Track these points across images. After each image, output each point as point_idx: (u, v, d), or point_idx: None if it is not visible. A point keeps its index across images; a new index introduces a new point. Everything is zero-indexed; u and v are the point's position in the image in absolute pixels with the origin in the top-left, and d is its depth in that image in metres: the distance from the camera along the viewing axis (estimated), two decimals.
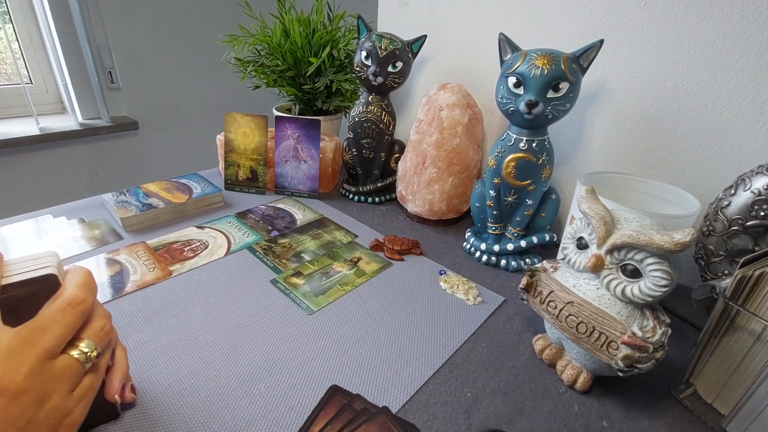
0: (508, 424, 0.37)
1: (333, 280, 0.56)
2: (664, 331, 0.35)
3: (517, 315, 0.52)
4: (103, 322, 0.28)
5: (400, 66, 0.69)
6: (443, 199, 0.68)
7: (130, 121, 1.48)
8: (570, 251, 0.41)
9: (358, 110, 0.74)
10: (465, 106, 0.66)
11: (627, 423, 0.38)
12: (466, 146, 0.66)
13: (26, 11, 1.27)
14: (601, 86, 0.61)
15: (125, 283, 0.52)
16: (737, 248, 0.46)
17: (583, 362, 0.41)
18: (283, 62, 0.83)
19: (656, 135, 0.58)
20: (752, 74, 0.49)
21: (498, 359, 0.45)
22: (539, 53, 0.49)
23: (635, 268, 0.36)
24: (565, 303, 0.40)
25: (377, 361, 0.43)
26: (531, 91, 0.49)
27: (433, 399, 0.39)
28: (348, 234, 0.68)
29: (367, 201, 0.81)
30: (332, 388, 0.39)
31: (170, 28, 1.52)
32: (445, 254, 0.64)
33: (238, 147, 0.77)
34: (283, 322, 0.48)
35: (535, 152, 0.54)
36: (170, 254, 0.59)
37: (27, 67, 1.33)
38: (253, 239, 0.64)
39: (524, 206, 0.59)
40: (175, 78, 1.59)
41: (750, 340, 0.36)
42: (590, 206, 0.38)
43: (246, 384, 0.40)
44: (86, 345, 0.26)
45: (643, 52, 0.56)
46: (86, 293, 0.26)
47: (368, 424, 0.35)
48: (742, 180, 0.46)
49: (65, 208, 0.70)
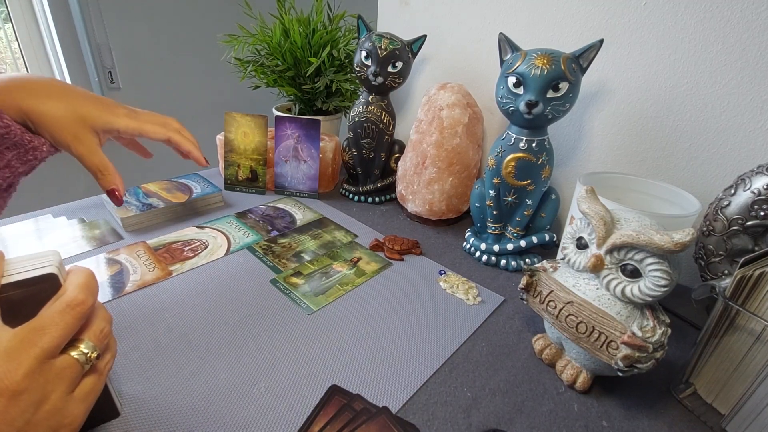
0: (508, 424, 0.37)
1: (333, 280, 0.56)
2: (663, 331, 0.35)
3: (516, 315, 0.52)
4: (103, 324, 0.28)
5: (400, 66, 0.69)
6: (443, 198, 0.68)
7: None
8: (570, 251, 0.41)
9: (358, 110, 0.74)
10: (465, 106, 0.66)
11: (627, 423, 0.39)
12: (466, 146, 0.66)
13: (26, 11, 1.27)
14: (601, 86, 0.61)
15: (125, 282, 0.52)
16: (737, 248, 0.46)
17: (583, 362, 0.41)
18: (283, 62, 0.84)
19: (656, 135, 0.58)
20: (752, 74, 0.49)
21: (498, 359, 0.45)
22: (539, 53, 0.49)
23: (635, 268, 0.36)
24: (564, 303, 0.40)
25: (377, 361, 0.43)
26: (531, 91, 0.49)
27: (433, 399, 0.40)
28: (348, 234, 0.68)
29: (367, 201, 0.81)
30: (332, 387, 0.39)
31: (170, 28, 1.52)
32: (444, 254, 0.64)
33: (238, 147, 0.77)
34: (283, 321, 0.48)
35: (535, 152, 0.54)
36: (170, 254, 0.59)
37: (27, 67, 1.33)
38: (253, 239, 0.64)
39: (524, 206, 0.59)
40: (175, 78, 1.59)
41: (750, 340, 0.36)
42: (590, 206, 0.38)
43: (246, 384, 0.40)
44: (86, 346, 0.26)
45: (643, 52, 0.56)
46: (86, 295, 0.26)
47: (368, 424, 0.35)
48: (742, 180, 0.46)
49: (65, 207, 0.70)
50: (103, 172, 0.39)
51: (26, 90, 0.35)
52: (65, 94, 0.36)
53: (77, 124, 0.37)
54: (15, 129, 0.33)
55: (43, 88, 0.36)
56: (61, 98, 0.36)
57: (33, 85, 0.35)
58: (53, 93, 0.36)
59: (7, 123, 0.33)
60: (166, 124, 0.44)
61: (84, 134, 0.37)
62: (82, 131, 0.37)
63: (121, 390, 0.38)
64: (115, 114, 0.39)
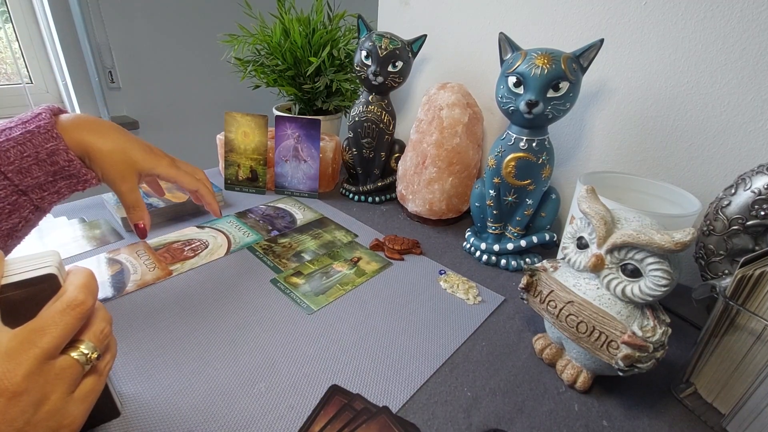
0: (508, 424, 0.37)
1: (333, 279, 0.56)
2: (664, 331, 0.35)
3: (517, 314, 0.52)
4: (103, 325, 0.28)
5: (400, 65, 0.69)
6: (443, 198, 0.68)
7: (130, 121, 1.48)
8: (570, 251, 0.41)
9: (358, 110, 0.74)
10: (465, 106, 0.66)
11: (627, 422, 0.39)
12: (466, 146, 0.66)
13: (26, 11, 1.27)
14: (601, 86, 0.61)
15: (126, 282, 0.52)
16: (737, 248, 0.46)
17: (583, 362, 0.41)
18: (283, 62, 0.83)
19: (656, 135, 0.58)
20: (752, 74, 0.49)
21: (498, 359, 0.45)
22: (539, 53, 0.49)
23: (635, 268, 0.36)
24: (565, 302, 0.40)
25: (377, 360, 0.43)
26: (531, 90, 0.49)
27: (433, 398, 0.40)
28: (348, 234, 0.68)
29: (367, 201, 0.81)
30: (332, 387, 0.39)
31: (170, 28, 1.52)
32: (445, 254, 0.64)
33: (238, 147, 0.77)
34: (283, 321, 0.48)
35: (535, 152, 0.54)
36: (170, 254, 0.59)
37: (27, 67, 1.33)
38: (253, 239, 0.64)
39: (524, 206, 0.59)
40: (175, 78, 1.59)
41: (750, 340, 0.36)
42: (590, 206, 0.38)
43: (246, 383, 0.40)
44: (86, 346, 0.26)
45: (643, 52, 0.56)
46: (86, 295, 0.26)
47: (368, 423, 0.35)
48: (742, 179, 0.46)
49: (65, 207, 0.70)
50: (134, 207, 0.45)
51: (92, 130, 0.41)
52: (122, 138, 0.43)
53: (126, 166, 0.42)
54: (76, 163, 0.39)
55: (106, 130, 0.42)
56: (118, 141, 0.42)
57: (98, 127, 0.42)
58: (112, 136, 0.42)
59: (71, 158, 0.39)
60: (196, 173, 0.51)
61: (129, 175, 0.43)
62: (128, 172, 0.43)
63: (121, 390, 0.38)
64: (159, 163, 0.45)
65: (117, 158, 0.42)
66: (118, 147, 0.42)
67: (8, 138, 0.37)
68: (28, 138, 0.37)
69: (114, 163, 0.42)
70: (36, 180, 0.38)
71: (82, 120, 0.41)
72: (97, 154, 0.41)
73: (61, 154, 0.38)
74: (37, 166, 0.37)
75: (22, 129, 0.37)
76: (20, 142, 0.37)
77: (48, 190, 0.39)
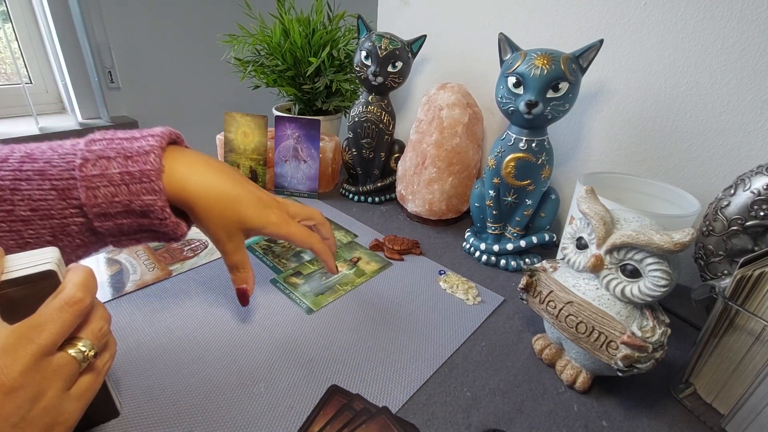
0: (508, 424, 0.37)
1: (333, 279, 0.56)
2: (663, 331, 0.35)
3: (516, 315, 0.52)
4: (102, 323, 0.28)
5: (400, 66, 0.69)
6: (443, 198, 0.68)
7: (130, 121, 1.48)
8: (569, 251, 0.41)
9: (358, 110, 0.74)
10: (465, 106, 0.66)
11: (626, 423, 0.39)
12: (466, 146, 0.66)
13: (26, 11, 1.27)
14: (601, 86, 0.61)
15: (125, 282, 0.52)
16: (737, 248, 0.46)
17: (583, 362, 0.41)
18: (283, 62, 0.84)
19: (656, 135, 0.58)
20: (752, 74, 0.49)
21: (497, 359, 0.45)
22: (539, 53, 0.49)
23: (635, 268, 0.36)
24: (564, 303, 0.40)
25: (377, 360, 0.43)
26: (531, 91, 0.49)
27: (432, 399, 0.40)
28: (348, 234, 0.68)
29: (367, 201, 0.81)
30: (332, 387, 0.39)
31: (170, 28, 1.52)
32: (444, 254, 0.64)
33: (238, 147, 0.77)
34: (283, 321, 0.48)
35: (535, 152, 0.54)
36: (170, 254, 0.59)
37: (27, 67, 1.33)
38: (252, 239, 0.64)
39: (524, 206, 0.59)
40: (175, 78, 1.59)
41: (749, 340, 0.36)
42: (590, 206, 0.38)
43: (246, 383, 0.40)
44: (84, 344, 0.26)
45: (643, 52, 0.56)
46: (85, 292, 0.26)
47: (368, 423, 0.35)
48: (741, 180, 0.46)
49: None
50: (239, 268, 0.41)
51: (200, 179, 0.36)
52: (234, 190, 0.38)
53: (233, 224, 0.38)
54: (169, 222, 0.35)
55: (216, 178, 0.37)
56: (229, 194, 0.38)
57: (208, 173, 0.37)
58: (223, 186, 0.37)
59: (166, 216, 0.35)
60: (311, 218, 0.46)
61: (236, 234, 0.39)
62: (235, 231, 0.39)
63: (121, 390, 0.38)
64: (269, 220, 0.40)
65: (225, 216, 0.37)
66: (228, 204, 0.37)
67: (103, 173, 0.32)
68: (127, 181, 0.32)
69: (221, 224, 0.37)
70: (119, 228, 0.34)
71: (193, 162, 0.36)
72: (202, 211, 0.36)
73: (157, 212, 0.34)
74: (125, 215, 0.33)
75: (122, 167, 0.32)
76: (115, 183, 0.32)
77: (128, 236, 0.36)
